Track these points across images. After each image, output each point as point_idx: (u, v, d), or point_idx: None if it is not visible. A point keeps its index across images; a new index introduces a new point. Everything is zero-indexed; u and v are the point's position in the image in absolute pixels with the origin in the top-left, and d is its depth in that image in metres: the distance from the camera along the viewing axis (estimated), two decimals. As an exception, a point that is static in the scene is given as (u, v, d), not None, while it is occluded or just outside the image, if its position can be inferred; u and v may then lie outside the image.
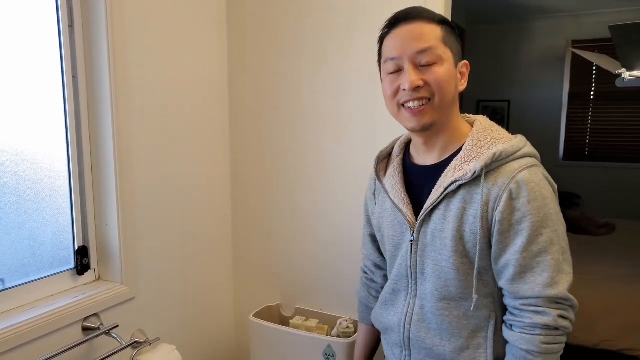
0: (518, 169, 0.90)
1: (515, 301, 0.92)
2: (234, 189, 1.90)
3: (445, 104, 0.95)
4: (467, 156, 0.94)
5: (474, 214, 0.91)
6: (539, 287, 0.88)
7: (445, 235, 0.95)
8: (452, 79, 0.95)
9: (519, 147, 0.93)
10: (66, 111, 1.35)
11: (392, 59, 0.96)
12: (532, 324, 0.89)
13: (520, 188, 0.88)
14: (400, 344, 1.05)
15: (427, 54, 0.92)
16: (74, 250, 1.40)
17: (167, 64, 1.56)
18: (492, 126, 1.00)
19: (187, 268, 1.71)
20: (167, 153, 1.59)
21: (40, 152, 1.31)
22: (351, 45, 1.61)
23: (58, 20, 1.32)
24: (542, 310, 0.89)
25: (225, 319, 1.94)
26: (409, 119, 0.96)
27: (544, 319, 0.89)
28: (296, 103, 1.73)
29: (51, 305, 1.26)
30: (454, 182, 0.93)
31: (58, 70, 1.33)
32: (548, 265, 0.88)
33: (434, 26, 0.94)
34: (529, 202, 0.88)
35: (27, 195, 1.28)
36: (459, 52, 0.98)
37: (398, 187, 1.05)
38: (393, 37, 0.96)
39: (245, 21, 1.78)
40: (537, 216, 0.88)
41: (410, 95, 0.93)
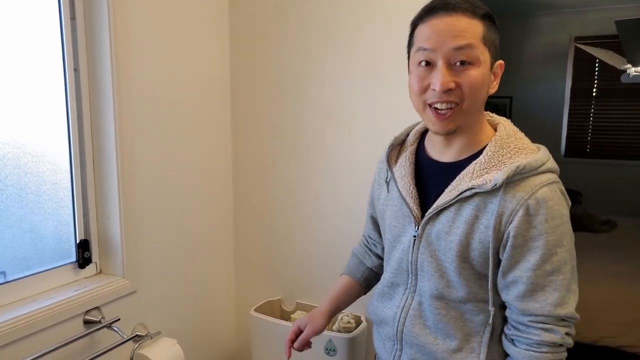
0: (539, 185, 0.86)
1: (522, 317, 0.90)
2: (235, 184, 1.90)
3: (473, 109, 0.90)
4: (487, 163, 0.90)
5: (486, 223, 0.88)
6: (550, 306, 0.87)
7: (451, 238, 0.92)
8: (485, 84, 0.89)
9: (543, 161, 0.89)
10: (68, 104, 1.35)
11: (425, 50, 0.88)
12: (540, 342, 0.88)
13: (539, 205, 0.85)
14: (393, 338, 1.04)
15: (464, 53, 0.85)
16: (76, 243, 1.40)
17: (169, 57, 1.55)
18: (515, 133, 0.95)
19: (188, 262, 1.71)
20: (169, 147, 1.58)
21: (42, 145, 1.30)
22: (355, 41, 1.60)
23: (60, 12, 1.31)
24: (550, 328, 0.88)
25: (226, 313, 1.94)
26: (433, 122, 0.91)
27: (552, 336, 0.88)
28: (298, 100, 1.73)
29: (52, 299, 1.26)
30: (470, 188, 0.89)
31: (60, 63, 1.33)
32: (559, 285, 0.87)
33: (476, 21, 0.86)
34: (546, 221, 0.85)
35: (29, 188, 1.28)
36: (497, 51, 0.91)
37: (407, 178, 1.01)
38: (429, 26, 0.88)
39: (248, 14, 1.77)
40: (553, 235, 0.86)
41: (439, 97, 0.88)
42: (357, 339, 1.56)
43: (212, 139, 1.78)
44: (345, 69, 1.63)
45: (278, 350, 1.65)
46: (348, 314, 1.64)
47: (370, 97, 1.60)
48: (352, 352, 1.55)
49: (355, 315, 1.65)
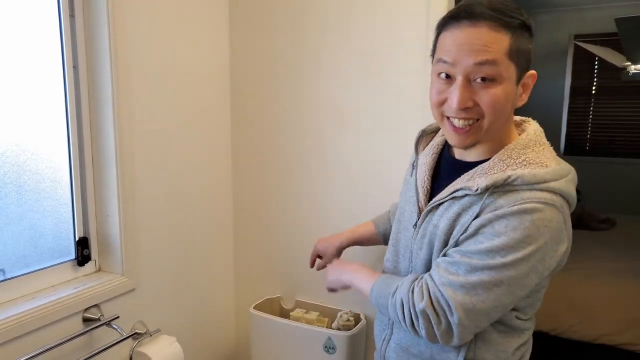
0: (527, 199, 0.80)
1: (426, 274, 0.91)
2: (235, 182, 1.90)
3: (495, 126, 0.85)
4: (489, 168, 0.87)
5: (462, 222, 0.87)
6: (443, 278, 0.85)
7: (437, 232, 0.93)
8: (508, 101, 0.84)
9: (544, 178, 0.82)
10: (67, 101, 1.35)
11: (445, 63, 0.84)
12: (407, 296, 0.89)
13: (513, 214, 0.80)
14: (386, 322, 1.08)
15: (485, 69, 0.80)
16: (75, 241, 1.40)
17: (169, 54, 1.55)
18: (537, 144, 0.89)
19: (188, 259, 1.71)
20: (169, 144, 1.58)
21: (41, 143, 1.30)
22: (357, 38, 1.60)
23: (59, 10, 1.31)
24: (424, 294, 0.86)
25: (226, 311, 1.94)
26: (451, 135, 0.89)
27: (417, 299, 0.87)
28: (298, 99, 1.72)
29: (52, 296, 1.26)
30: (461, 189, 0.88)
31: (59, 61, 1.32)
32: (470, 277, 0.82)
33: (501, 34, 0.79)
34: (507, 227, 0.79)
35: (28, 186, 1.28)
36: (527, 62, 0.85)
37: (425, 168, 1.01)
38: (450, 36, 0.83)
39: (248, 10, 1.77)
40: (504, 244, 0.80)
41: (456, 113, 0.84)
42: (357, 337, 1.56)
43: (212, 136, 1.77)
44: (347, 66, 1.62)
45: (277, 348, 1.65)
46: (347, 311, 1.64)
47: (373, 96, 1.60)
48: (352, 349, 1.55)
49: (355, 313, 1.66)
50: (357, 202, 1.67)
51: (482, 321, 0.86)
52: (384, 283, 0.98)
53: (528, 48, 0.84)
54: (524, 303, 0.94)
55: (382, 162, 1.60)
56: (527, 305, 0.95)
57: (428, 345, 0.97)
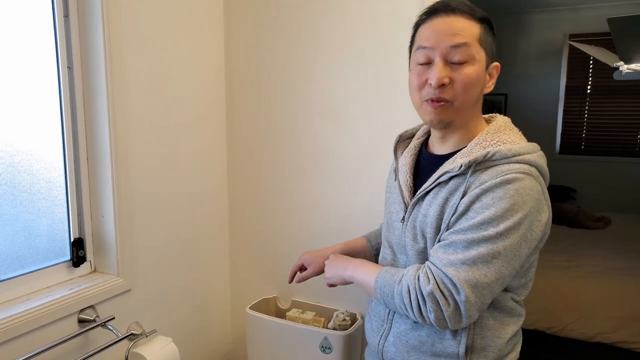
0: (506, 171, 0.88)
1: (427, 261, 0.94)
2: (230, 182, 1.89)
3: (466, 106, 0.95)
4: (468, 152, 0.95)
5: (451, 204, 0.93)
6: (445, 260, 0.89)
7: (427, 220, 0.97)
8: (479, 82, 0.95)
9: (519, 152, 0.91)
10: (61, 102, 1.34)
11: (424, 48, 0.94)
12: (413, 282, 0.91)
13: (497, 185, 0.87)
14: (384, 317, 1.09)
15: (460, 51, 0.91)
16: (70, 242, 1.39)
17: (163, 54, 1.55)
18: (507, 129, 0.98)
19: (183, 260, 1.71)
20: (164, 144, 1.58)
21: (35, 144, 1.30)
22: (352, 38, 1.60)
23: (53, 10, 1.31)
24: (430, 278, 0.89)
25: (222, 311, 1.94)
26: (429, 112, 0.96)
27: (423, 282, 0.89)
28: (293, 99, 1.72)
29: (46, 297, 1.25)
30: (445, 172, 0.95)
31: (53, 61, 1.32)
32: (468, 253, 0.87)
33: (473, 23, 0.93)
34: (494, 199, 0.86)
35: (22, 187, 1.27)
36: (492, 53, 0.97)
37: (406, 168, 1.08)
38: (429, 26, 0.95)
39: (242, 11, 1.77)
40: (494, 214, 0.86)
41: (433, 94, 0.93)
42: (353, 337, 1.56)
43: (207, 136, 1.77)
44: (342, 67, 1.63)
45: (274, 348, 1.65)
46: (343, 311, 1.65)
47: (367, 97, 1.60)
48: (348, 349, 1.55)
49: (351, 313, 1.66)
50: (352, 202, 1.67)
51: (487, 296, 0.89)
52: (388, 273, 1.00)
53: (492, 41, 0.97)
54: (517, 283, 0.98)
55: (377, 162, 1.60)
56: (521, 285, 1.00)
57: (429, 334, 0.98)
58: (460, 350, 0.96)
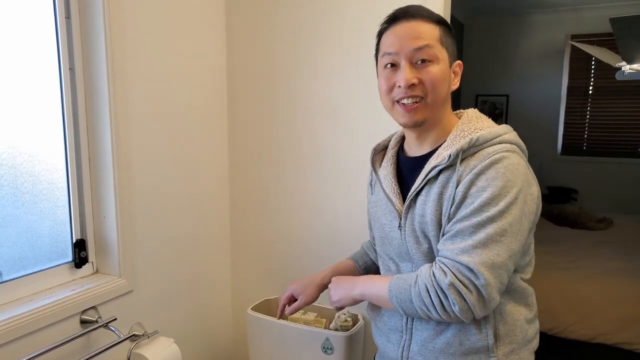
0: (492, 153, 0.93)
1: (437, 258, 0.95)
2: (232, 182, 1.90)
3: (437, 103, 0.99)
4: (449, 145, 0.98)
5: (447, 196, 0.95)
6: (457, 250, 0.90)
7: (426, 219, 0.98)
8: (445, 79, 0.99)
9: (498, 133, 0.97)
10: (63, 103, 1.34)
11: (389, 54, 0.99)
12: (428, 278, 0.92)
13: (487, 167, 0.91)
14: (401, 329, 1.06)
15: (424, 52, 0.96)
16: (72, 243, 1.40)
17: (165, 55, 1.55)
18: (479, 118, 1.03)
19: (185, 261, 1.71)
20: (166, 145, 1.58)
21: (37, 145, 1.30)
22: (351, 39, 1.60)
23: (55, 12, 1.31)
24: (446, 270, 0.90)
25: (224, 312, 1.94)
26: (402, 114, 1.00)
27: (440, 276, 0.90)
28: (294, 99, 1.73)
29: (49, 298, 1.26)
30: (434, 167, 0.97)
31: (55, 62, 1.32)
32: (476, 236, 0.89)
33: (432, 25, 0.97)
34: (486, 180, 0.90)
35: (24, 188, 1.28)
36: (454, 52, 1.02)
37: (389, 177, 1.09)
38: (391, 33, 1.00)
39: (244, 12, 1.77)
40: (492, 194, 0.89)
41: (404, 93, 0.97)
42: (355, 338, 1.56)
43: (208, 137, 1.77)
44: (342, 67, 1.63)
45: (275, 349, 1.65)
46: (345, 312, 1.64)
47: (368, 97, 1.60)
48: (350, 350, 1.55)
49: (353, 314, 1.66)
50: (352, 202, 1.67)
51: (504, 275, 0.91)
52: (400, 280, 0.99)
53: (452, 41, 1.01)
54: (523, 262, 1.01)
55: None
56: (526, 264, 1.03)
57: (455, 334, 0.98)
58: (490, 342, 0.97)
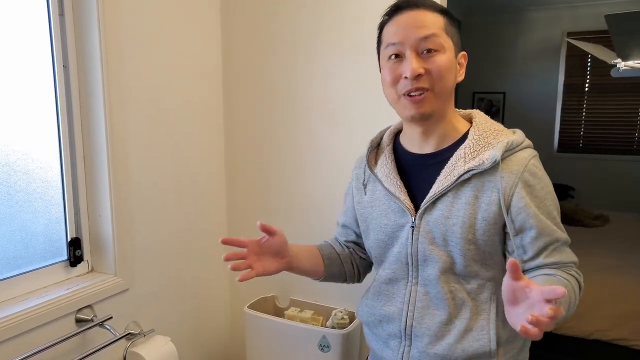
0: (528, 158, 0.95)
1: (557, 266, 0.97)
2: (228, 180, 1.89)
3: (444, 94, 0.95)
4: (475, 145, 0.96)
5: (487, 200, 0.93)
6: (571, 255, 0.99)
7: (452, 222, 0.95)
8: (452, 69, 0.96)
9: (523, 138, 0.99)
10: (57, 101, 1.34)
11: (393, 44, 0.95)
12: (573, 276, 0.98)
13: (533, 176, 0.94)
14: (399, 335, 1.04)
15: (430, 41, 0.92)
16: (67, 241, 1.39)
17: (160, 52, 1.54)
18: (489, 119, 1.03)
19: (182, 259, 1.70)
20: (161, 143, 1.57)
21: (31, 142, 1.29)
22: (348, 37, 1.60)
23: (48, 8, 1.30)
24: (576, 270, 1.00)
25: (221, 310, 1.94)
26: (408, 107, 0.95)
27: (579, 277, 1.00)
28: (291, 99, 1.72)
29: (44, 297, 1.25)
30: (468, 170, 0.94)
31: (49, 60, 1.31)
32: (566, 240, 0.98)
33: (436, 14, 0.94)
34: (542, 188, 0.95)
35: (18, 186, 1.27)
36: (458, 42, 0.99)
37: (392, 175, 1.04)
38: (394, 23, 0.96)
39: (240, 9, 1.76)
40: (550, 200, 0.96)
41: (410, 84, 0.93)
42: (351, 335, 1.56)
43: (204, 134, 1.77)
44: (340, 65, 1.62)
45: (272, 346, 1.65)
46: (342, 310, 1.64)
47: (365, 95, 1.60)
48: (346, 348, 1.55)
49: (349, 312, 1.66)
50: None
51: None
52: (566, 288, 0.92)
53: (457, 31, 0.99)
54: None
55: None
56: None
57: (457, 339, 0.97)
58: (492, 347, 0.96)
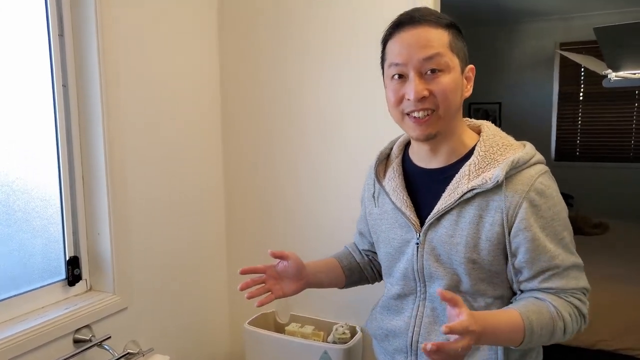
0: (535, 176, 0.91)
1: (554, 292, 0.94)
2: (227, 197, 1.89)
3: (450, 114, 0.93)
4: (480, 163, 0.93)
5: (491, 221, 0.90)
6: (574, 280, 0.94)
7: (456, 240, 0.93)
8: (457, 88, 0.93)
9: (532, 154, 0.94)
10: (56, 120, 1.34)
11: (397, 65, 0.92)
12: (572, 303, 0.94)
13: (540, 195, 0.90)
14: (406, 350, 1.02)
15: (434, 61, 0.89)
16: (65, 260, 1.38)
17: (158, 70, 1.55)
18: (499, 132, 0.99)
19: (181, 276, 1.69)
20: (160, 161, 1.57)
21: (30, 161, 1.29)
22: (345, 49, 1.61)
23: (48, 29, 1.31)
24: (581, 297, 0.96)
25: (220, 327, 1.92)
26: (413, 128, 0.94)
27: (582, 306, 0.95)
28: (288, 111, 1.73)
29: (42, 318, 1.24)
30: (472, 189, 0.91)
31: (48, 79, 1.32)
32: (575, 261, 0.94)
33: (440, 31, 0.91)
34: (549, 208, 0.90)
35: (17, 206, 1.27)
36: (465, 56, 0.95)
37: (399, 189, 1.03)
38: (398, 41, 0.92)
39: (236, 26, 1.78)
40: (558, 220, 0.91)
41: (414, 106, 0.91)
42: (353, 350, 1.55)
43: (202, 152, 1.77)
44: (335, 77, 1.64)
45: (273, 363, 1.63)
46: (343, 324, 1.63)
47: (360, 107, 1.61)
48: (348, 363, 1.53)
49: (351, 326, 1.64)
50: (350, 214, 1.66)
51: None
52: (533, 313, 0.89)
53: (463, 45, 0.95)
54: None
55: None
56: None
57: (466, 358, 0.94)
58: None
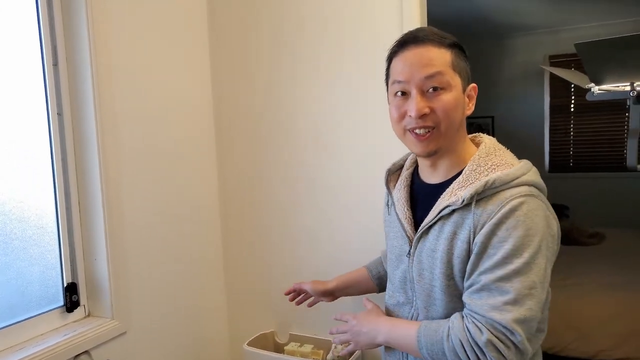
0: (509, 198, 0.88)
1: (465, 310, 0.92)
2: (223, 217, 1.90)
3: (451, 131, 0.95)
4: (464, 181, 0.94)
5: (462, 238, 0.92)
6: (487, 306, 0.87)
7: (437, 255, 0.96)
8: (459, 106, 0.95)
9: (516, 175, 0.91)
10: (52, 148, 1.36)
11: (399, 82, 0.96)
12: (464, 336, 0.88)
13: (505, 216, 0.87)
14: (401, 359, 1.06)
15: (435, 80, 0.92)
16: (63, 287, 1.39)
17: (152, 97, 1.57)
18: (496, 150, 0.99)
19: (179, 299, 1.69)
20: (156, 184, 1.59)
21: (26, 190, 1.30)
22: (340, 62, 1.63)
23: (42, 58, 1.34)
24: (480, 327, 0.87)
25: (220, 348, 1.91)
26: (414, 144, 0.97)
27: (476, 334, 0.87)
28: (284, 128, 1.75)
29: (40, 345, 1.24)
30: (447, 206, 0.94)
31: (43, 108, 1.34)
32: (505, 292, 0.86)
33: (443, 50, 0.93)
34: (507, 229, 0.87)
35: (14, 234, 1.27)
36: (467, 75, 0.98)
37: (402, 201, 1.07)
38: (401, 59, 0.96)
39: (228, 41, 1.81)
40: (514, 245, 0.86)
41: (416, 123, 0.94)
42: (352, 368, 1.54)
43: (198, 172, 1.79)
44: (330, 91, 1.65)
45: (273, 384, 1.62)
46: (342, 343, 1.63)
47: (355, 122, 1.62)
48: (348, 382, 1.53)
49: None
50: (351, 231, 1.67)
51: (534, 326, 0.89)
52: (428, 329, 0.95)
53: (466, 64, 0.98)
54: (543, 315, 0.96)
55: (370, 188, 1.60)
56: (547, 299, 0.97)
57: None
58: None
